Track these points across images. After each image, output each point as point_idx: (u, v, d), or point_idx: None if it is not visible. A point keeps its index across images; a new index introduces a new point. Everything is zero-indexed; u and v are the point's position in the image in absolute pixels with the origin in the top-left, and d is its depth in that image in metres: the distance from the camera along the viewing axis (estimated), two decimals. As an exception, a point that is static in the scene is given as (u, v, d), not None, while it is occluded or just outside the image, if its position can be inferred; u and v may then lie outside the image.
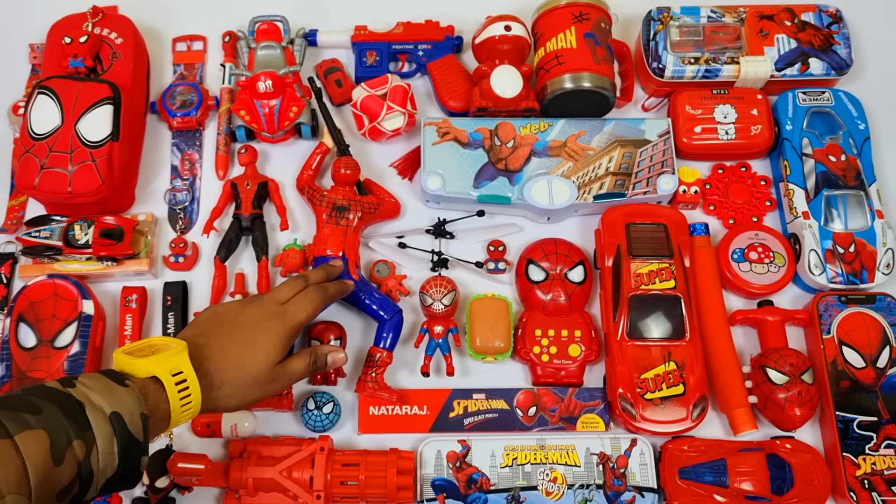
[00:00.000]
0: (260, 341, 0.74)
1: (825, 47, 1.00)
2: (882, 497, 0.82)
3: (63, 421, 0.57)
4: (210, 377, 0.70)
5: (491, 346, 0.88)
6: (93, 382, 0.62)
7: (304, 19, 1.07)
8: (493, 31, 0.96)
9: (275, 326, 0.75)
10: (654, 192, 0.94)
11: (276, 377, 0.75)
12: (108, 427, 0.59)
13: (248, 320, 0.75)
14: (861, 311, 0.89)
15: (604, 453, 0.85)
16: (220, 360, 0.71)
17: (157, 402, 0.65)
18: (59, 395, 0.59)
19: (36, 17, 1.07)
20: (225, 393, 0.71)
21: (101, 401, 0.60)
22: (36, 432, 0.56)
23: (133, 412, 0.61)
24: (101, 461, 0.59)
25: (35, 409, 0.57)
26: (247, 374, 0.72)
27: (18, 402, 0.58)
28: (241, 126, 0.99)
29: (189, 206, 0.99)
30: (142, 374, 0.66)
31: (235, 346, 0.73)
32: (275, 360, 0.74)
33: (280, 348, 0.75)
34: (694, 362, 0.86)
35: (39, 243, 0.91)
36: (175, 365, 0.67)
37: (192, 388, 0.67)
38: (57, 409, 0.58)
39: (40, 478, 0.55)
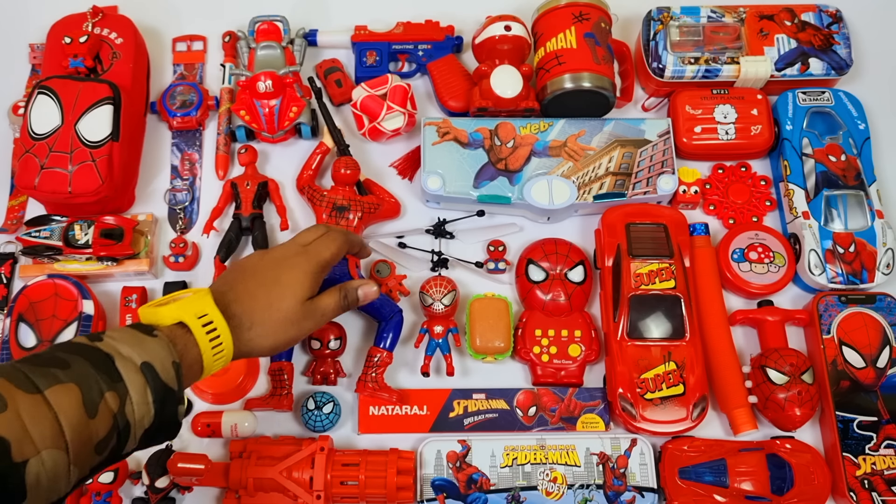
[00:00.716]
0: (286, 278, 0.72)
1: (825, 47, 1.00)
2: (882, 497, 0.82)
3: (93, 374, 0.57)
4: (238, 319, 0.68)
5: (491, 346, 0.88)
6: (120, 335, 0.61)
7: (304, 19, 1.07)
8: (493, 31, 0.96)
9: (300, 263, 0.74)
10: (654, 192, 0.94)
11: (307, 314, 0.73)
12: (140, 377, 0.58)
13: (272, 261, 0.74)
14: (861, 311, 0.89)
15: (604, 453, 0.85)
16: (247, 302, 0.70)
17: (187, 346, 0.64)
18: (87, 349, 0.59)
19: (36, 17, 1.07)
20: (257, 333, 0.69)
21: (131, 352, 0.59)
22: (66, 386, 0.55)
23: (164, 361, 0.60)
24: (137, 412, 0.58)
25: (63, 363, 0.56)
26: (276, 312, 0.71)
27: (46, 359, 0.57)
28: (241, 126, 0.99)
29: (189, 206, 0.99)
30: (167, 322, 0.65)
31: (261, 286, 0.71)
32: (303, 296, 0.73)
33: (307, 284, 0.73)
34: (694, 362, 0.86)
35: (39, 243, 0.91)
36: (199, 308, 0.66)
37: (221, 329, 0.66)
38: (86, 362, 0.57)
39: (75, 431, 0.54)
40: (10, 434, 0.51)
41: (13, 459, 0.51)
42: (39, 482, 0.52)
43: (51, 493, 0.54)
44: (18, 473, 0.51)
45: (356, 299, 0.79)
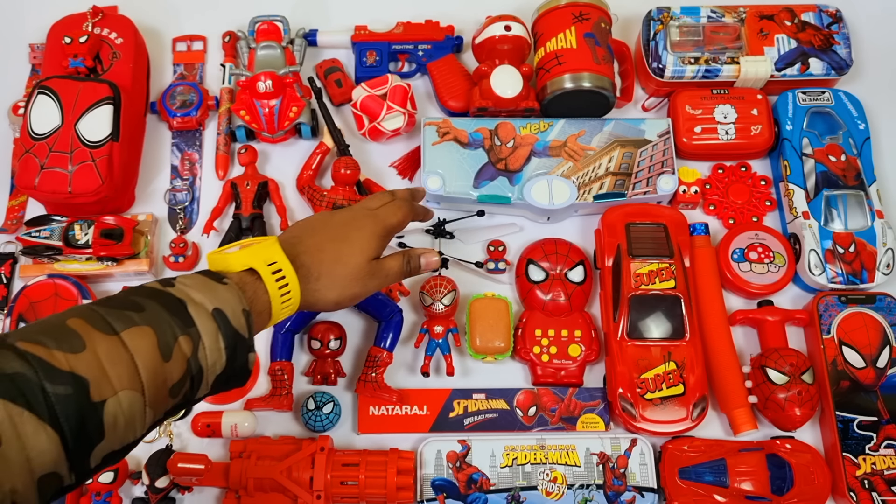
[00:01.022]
0: (355, 236, 0.73)
1: (825, 47, 1.00)
2: (882, 497, 0.82)
3: (167, 317, 0.57)
4: (307, 269, 0.69)
5: (491, 346, 0.88)
6: (192, 281, 0.61)
7: (304, 19, 1.07)
8: (493, 31, 0.96)
9: (368, 224, 0.74)
10: (654, 192, 0.94)
11: (372, 272, 0.73)
12: (212, 323, 0.59)
13: (342, 220, 0.75)
14: (861, 311, 0.89)
15: (604, 453, 0.85)
16: (316, 254, 0.70)
17: (256, 293, 0.64)
18: (160, 294, 0.59)
19: (36, 17, 1.07)
20: (324, 284, 0.70)
21: (203, 298, 0.59)
22: (141, 329, 0.55)
23: (235, 308, 0.60)
24: (209, 357, 0.59)
25: (138, 307, 0.57)
26: (344, 266, 0.71)
27: (121, 302, 0.57)
28: (241, 126, 0.99)
29: (189, 206, 0.99)
30: (236, 268, 0.65)
31: (330, 241, 0.72)
32: (370, 255, 0.73)
33: (375, 244, 0.74)
34: (694, 362, 0.86)
35: (39, 243, 0.91)
36: (269, 255, 0.66)
37: (289, 277, 0.66)
38: (160, 306, 0.57)
39: (151, 373, 0.55)
40: (88, 374, 0.52)
41: (92, 399, 0.51)
42: (117, 423, 0.53)
43: (127, 434, 0.54)
44: (97, 413, 0.52)
45: (418, 266, 0.79)
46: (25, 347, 0.51)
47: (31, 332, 0.53)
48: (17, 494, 0.48)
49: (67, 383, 0.51)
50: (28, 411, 0.49)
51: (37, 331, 0.53)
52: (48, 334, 0.53)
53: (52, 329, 0.53)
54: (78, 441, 0.51)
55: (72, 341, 0.52)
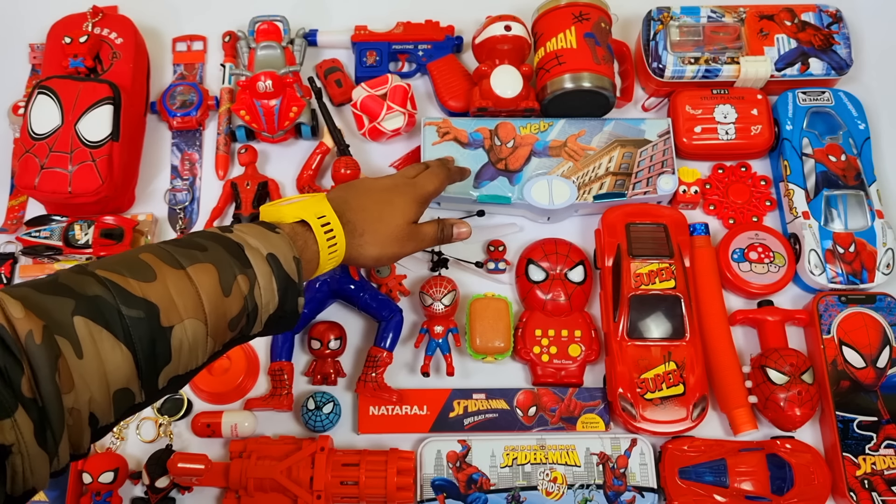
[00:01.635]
0: (397, 200, 0.79)
1: (825, 47, 1.00)
2: (882, 497, 0.82)
3: (227, 257, 0.62)
4: (352, 224, 0.74)
5: (491, 346, 0.88)
6: (248, 229, 0.66)
7: (304, 19, 1.07)
8: (493, 31, 0.96)
9: (409, 191, 0.80)
10: (654, 192, 0.94)
11: (411, 235, 0.79)
12: (266, 266, 0.64)
13: (384, 186, 0.81)
14: (861, 311, 0.89)
15: (604, 453, 0.85)
16: (360, 213, 0.76)
17: (307, 242, 0.70)
18: (220, 237, 0.64)
19: (36, 17, 1.07)
20: (367, 241, 0.75)
21: (258, 243, 0.64)
22: (205, 265, 0.61)
23: (286, 254, 0.65)
24: (264, 297, 0.64)
25: (202, 247, 0.62)
26: (386, 226, 0.77)
27: (187, 242, 0.63)
28: (241, 126, 0.99)
29: (189, 206, 0.99)
30: (289, 219, 0.71)
31: (374, 202, 0.78)
32: (410, 219, 0.79)
33: (415, 209, 0.80)
34: (694, 362, 0.86)
35: (39, 243, 0.91)
36: (319, 209, 0.72)
37: (336, 230, 0.72)
38: (220, 247, 0.63)
39: (213, 306, 0.60)
40: (159, 301, 0.57)
41: (161, 324, 0.57)
42: (182, 347, 0.58)
43: (191, 360, 0.60)
44: (166, 337, 0.57)
45: (450, 235, 0.84)
46: (105, 274, 0.57)
47: (110, 263, 0.59)
48: (95, 404, 0.54)
49: (141, 308, 0.56)
50: (106, 330, 0.54)
51: (114, 262, 0.59)
52: (124, 265, 0.58)
53: (128, 261, 0.59)
54: (148, 361, 0.56)
55: (145, 272, 0.58)
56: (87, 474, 0.81)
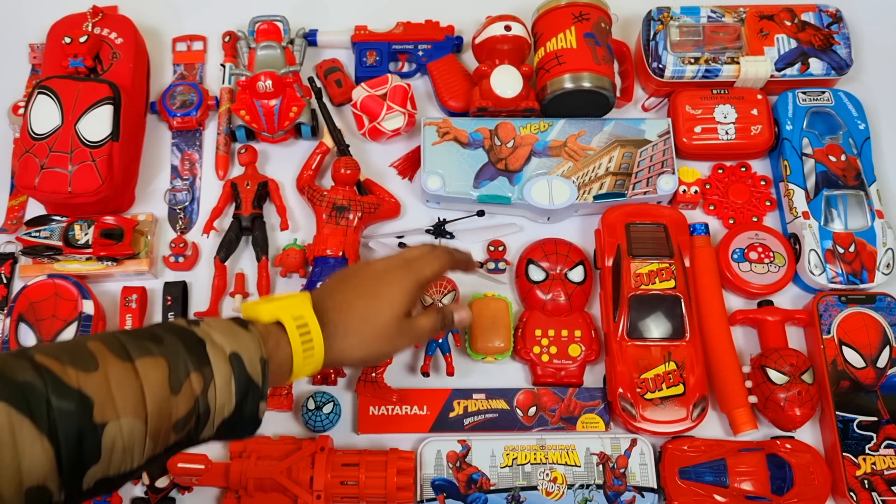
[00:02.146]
0: (384, 291, 0.72)
1: (825, 47, 1.00)
2: (882, 497, 0.82)
3: (184, 353, 0.59)
4: (334, 326, 0.69)
5: (491, 346, 0.88)
6: (216, 324, 0.63)
7: (304, 19, 1.07)
8: (493, 31, 0.96)
9: (400, 278, 0.73)
10: (654, 192, 0.94)
11: (402, 331, 0.72)
12: (227, 366, 0.60)
13: (373, 273, 0.74)
14: (861, 311, 0.89)
15: (604, 453, 0.85)
16: (344, 311, 0.70)
17: (279, 343, 0.65)
18: (182, 330, 0.61)
19: (36, 17, 1.07)
20: (350, 343, 0.69)
21: (223, 340, 0.61)
22: (156, 360, 0.57)
23: (252, 355, 0.61)
24: (219, 399, 0.59)
25: (158, 339, 0.59)
26: (371, 325, 0.70)
27: (143, 333, 0.60)
28: (241, 126, 0.99)
29: (189, 206, 0.99)
30: (265, 318, 0.67)
31: (359, 297, 0.71)
32: (400, 312, 0.71)
33: (405, 300, 0.72)
34: (694, 362, 0.86)
35: (39, 243, 0.91)
36: (297, 310, 0.67)
37: (314, 333, 0.67)
38: (179, 341, 0.59)
39: (156, 404, 0.56)
40: (95, 394, 0.53)
41: (94, 420, 0.52)
42: (115, 447, 0.54)
43: (124, 462, 0.55)
44: (96, 434, 0.53)
45: (451, 323, 0.77)
46: (42, 360, 0.53)
47: (52, 348, 0.55)
48: (4, 500, 0.49)
49: (73, 400, 0.52)
50: (29, 420, 0.50)
51: (58, 348, 0.55)
52: (66, 352, 0.55)
53: (72, 348, 0.55)
54: (73, 458, 0.52)
55: (87, 361, 0.54)
56: (87, 474, 0.81)
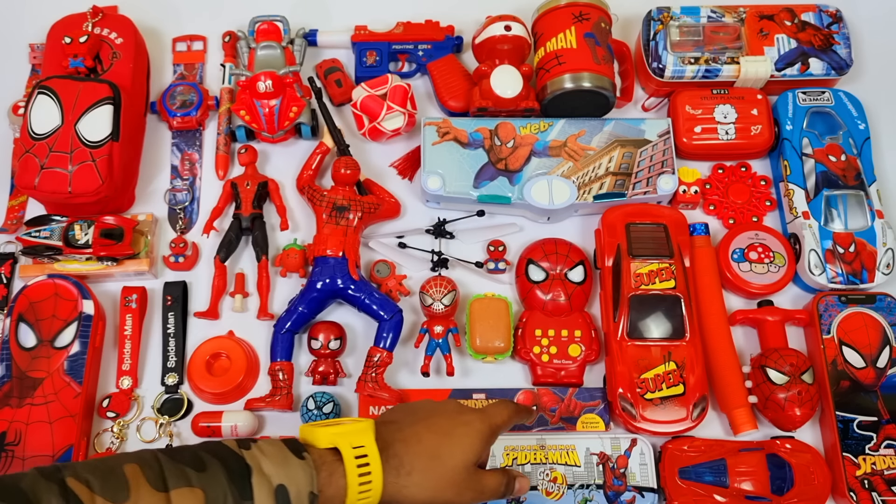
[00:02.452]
0: (458, 432, 0.66)
1: (825, 47, 1.00)
2: (882, 497, 0.82)
3: (225, 483, 0.56)
4: (399, 459, 0.63)
5: (491, 346, 0.88)
6: (269, 448, 0.59)
7: (304, 19, 1.07)
8: (493, 31, 0.96)
9: (474, 421, 0.67)
10: (654, 192, 0.94)
11: (470, 483, 0.66)
12: (271, 500, 0.57)
13: (447, 410, 0.68)
14: (861, 311, 0.89)
15: (604, 453, 0.85)
16: (413, 445, 0.64)
17: (333, 475, 0.60)
18: (229, 455, 0.58)
19: (36, 17, 1.07)
20: (414, 481, 0.63)
21: (272, 470, 0.58)
22: (193, 491, 0.54)
23: (301, 489, 0.58)
24: None
25: (201, 465, 0.56)
26: (441, 466, 0.64)
27: (187, 456, 0.57)
28: (241, 126, 0.99)
29: (189, 206, 0.99)
30: (322, 444, 0.62)
31: (432, 433, 0.65)
32: (472, 460, 0.66)
33: (478, 447, 0.66)
34: (694, 362, 0.86)
35: (39, 243, 0.91)
36: (358, 437, 0.62)
37: (374, 466, 0.61)
38: (223, 470, 0.56)
39: None
40: None
41: None
42: None
43: None
44: None
45: (513, 490, 0.71)
46: (72, 485, 0.52)
47: (86, 469, 0.53)
48: None
49: None
50: None
51: (92, 469, 0.53)
52: (100, 475, 0.53)
53: (106, 471, 0.53)
54: None
55: (118, 489, 0.52)
56: (87, 474, 0.81)
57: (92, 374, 0.88)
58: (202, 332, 0.92)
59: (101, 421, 0.88)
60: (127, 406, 0.88)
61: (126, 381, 0.89)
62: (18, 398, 0.84)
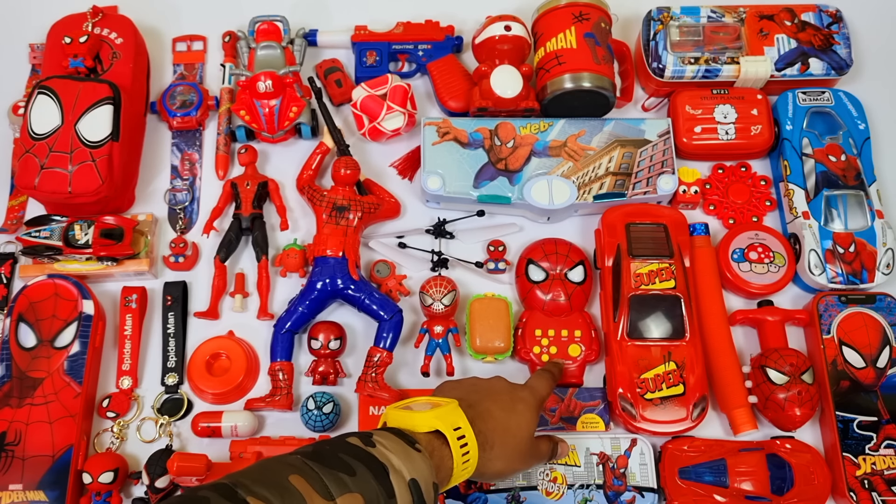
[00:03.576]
0: (519, 408, 0.73)
1: (825, 47, 1.00)
2: (882, 497, 0.82)
3: (374, 486, 0.58)
4: (483, 436, 0.69)
5: (491, 346, 0.88)
6: (390, 443, 0.62)
7: (304, 19, 1.07)
8: (493, 31, 0.96)
9: (527, 396, 0.75)
10: (654, 192, 0.94)
11: (532, 450, 0.74)
12: (409, 495, 0.60)
13: (503, 387, 0.75)
14: (861, 311, 0.89)
15: (604, 453, 0.85)
16: (490, 421, 0.70)
17: (442, 458, 0.65)
18: (366, 456, 0.60)
19: (36, 17, 1.07)
20: (496, 454, 0.69)
21: (401, 465, 0.60)
22: (354, 496, 0.57)
23: (427, 480, 0.61)
24: None
25: (350, 470, 0.58)
26: (512, 438, 0.71)
27: (334, 461, 0.59)
28: (241, 126, 0.99)
29: (189, 206, 0.99)
30: (423, 429, 0.66)
31: (500, 409, 0.72)
32: (532, 430, 0.73)
33: (534, 418, 0.74)
34: (694, 362, 0.86)
35: (39, 243, 0.91)
36: (454, 419, 0.67)
37: (471, 444, 0.67)
38: (368, 472, 0.59)
39: None
40: None
41: None
42: None
43: None
44: None
45: (557, 453, 0.79)
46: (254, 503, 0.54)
47: (257, 484, 0.55)
48: None
49: None
50: None
51: (261, 483, 0.55)
52: (276, 492, 0.55)
53: (279, 487, 0.55)
54: None
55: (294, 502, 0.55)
56: (87, 474, 0.81)
57: (92, 374, 0.88)
58: (202, 332, 0.92)
59: (101, 421, 0.88)
60: (127, 406, 0.88)
61: (126, 381, 0.89)
62: (18, 398, 0.84)
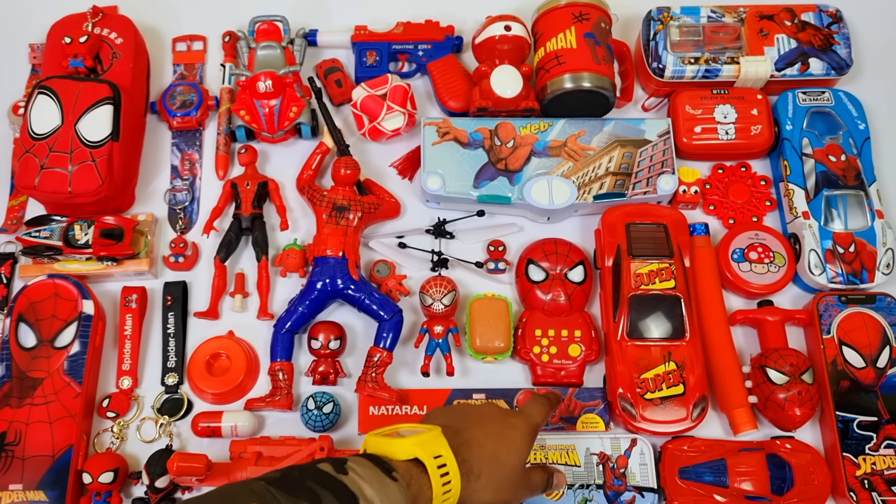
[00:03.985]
0: (509, 435, 0.69)
1: (825, 47, 1.00)
2: (882, 497, 0.82)
3: None
4: (468, 465, 0.65)
5: (491, 346, 0.88)
6: (364, 471, 0.60)
7: (304, 19, 1.07)
8: (493, 31, 0.96)
9: (519, 423, 0.71)
10: (654, 192, 0.94)
11: (523, 481, 0.70)
12: None
13: (493, 414, 0.72)
14: (861, 311, 0.89)
15: (604, 453, 0.85)
16: (476, 449, 0.67)
17: (421, 488, 0.62)
18: (335, 484, 0.58)
19: (36, 17, 1.07)
20: (482, 484, 0.66)
21: (374, 495, 0.58)
22: None
23: None
24: None
25: (316, 499, 0.56)
26: (501, 468, 0.67)
27: (300, 488, 0.57)
28: (241, 126, 0.99)
29: (189, 206, 0.99)
30: (401, 456, 0.63)
31: (488, 436, 0.68)
32: (523, 459, 0.69)
33: (526, 446, 0.70)
34: (694, 362, 0.86)
35: (39, 243, 0.91)
36: (436, 447, 0.64)
37: (452, 474, 0.63)
38: (336, 500, 0.57)
39: None
40: None
41: None
42: None
43: None
44: None
45: (552, 484, 0.74)
46: None
47: None
48: None
49: None
50: None
51: None
52: None
53: None
54: None
55: None
56: (87, 474, 0.81)
57: (92, 374, 0.88)
58: (202, 332, 0.92)
59: (101, 421, 0.88)
60: (127, 406, 0.88)
61: (126, 381, 0.89)
62: (18, 398, 0.84)
